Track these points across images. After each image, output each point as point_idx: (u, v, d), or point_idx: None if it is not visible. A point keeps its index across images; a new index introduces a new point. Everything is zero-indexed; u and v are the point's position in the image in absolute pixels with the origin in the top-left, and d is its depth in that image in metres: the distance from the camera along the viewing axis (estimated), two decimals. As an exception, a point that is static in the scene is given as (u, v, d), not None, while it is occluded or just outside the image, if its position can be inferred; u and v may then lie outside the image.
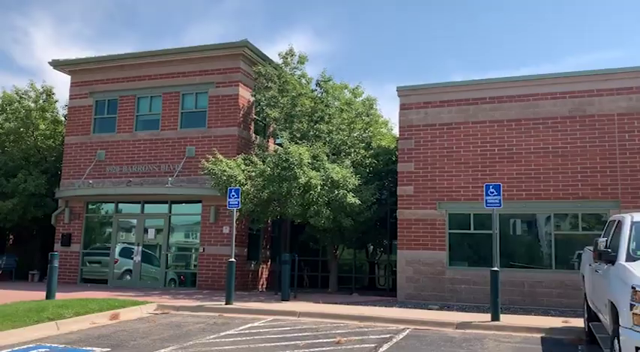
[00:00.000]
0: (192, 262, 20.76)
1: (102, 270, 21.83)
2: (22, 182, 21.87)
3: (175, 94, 21.45)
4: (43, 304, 13.35)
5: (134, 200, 21.20)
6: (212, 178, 18.22)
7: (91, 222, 22.27)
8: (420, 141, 18.04)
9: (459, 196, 17.38)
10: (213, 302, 15.56)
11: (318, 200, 16.58)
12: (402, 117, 18.38)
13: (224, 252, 19.78)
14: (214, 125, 20.68)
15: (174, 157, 20.98)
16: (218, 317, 13.45)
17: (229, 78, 20.74)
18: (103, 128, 22.43)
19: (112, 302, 14.26)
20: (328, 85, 19.71)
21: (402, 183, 18.03)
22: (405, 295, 17.43)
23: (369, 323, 12.65)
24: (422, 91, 18.24)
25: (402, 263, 17.66)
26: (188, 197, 20.37)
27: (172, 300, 15.72)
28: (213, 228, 20.11)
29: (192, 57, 21.24)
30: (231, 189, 15.35)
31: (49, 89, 24.24)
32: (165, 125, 21.38)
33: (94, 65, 22.68)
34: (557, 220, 16.63)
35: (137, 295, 16.94)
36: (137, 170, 21.36)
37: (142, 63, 21.96)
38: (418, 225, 17.64)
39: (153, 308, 14.55)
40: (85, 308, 13.01)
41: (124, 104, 22.12)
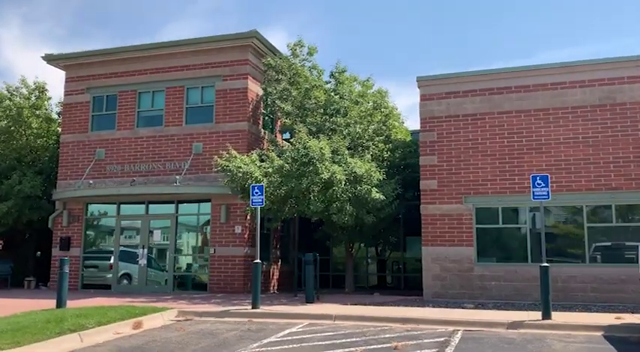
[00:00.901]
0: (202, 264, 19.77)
1: (99, 275, 20.75)
2: (17, 183, 20.63)
3: (179, 89, 20.40)
4: (59, 314, 12.30)
5: (137, 200, 20.11)
6: (226, 176, 17.26)
7: (90, 224, 21.11)
8: (442, 133, 17.34)
9: (486, 189, 16.72)
10: (236, 306, 14.65)
11: (342, 196, 15.76)
12: (422, 108, 17.66)
13: (236, 252, 18.86)
14: (222, 120, 19.70)
15: (180, 155, 19.95)
16: (248, 323, 12.56)
17: (237, 70, 19.78)
18: (101, 125, 21.28)
19: (130, 309, 13.25)
20: (343, 77, 18.88)
21: (425, 176, 17.31)
22: (431, 294, 16.72)
23: (413, 325, 11.88)
24: (443, 81, 17.55)
25: (428, 260, 16.94)
26: (197, 196, 19.37)
27: (191, 306, 14.75)
28: (224, 228, 19.13)
29: (197, 49, 20.23)
30: (254, 186, 14.44)
31: (42, 85, 22.96)
32: (170, 121, 20.33)
33: (90, 59, 21.51)
34: (590, 212, 16.06)
35: (150, 301, 15.94)
36: (140, 169, 20.28)
37: (142, 56, 20.87)
38: (443, 220, 16.94)
39: (174, 315, 13.57)
40: (106, 317, 12.00)
41: (124, 100, 21.00)
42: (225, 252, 18.97)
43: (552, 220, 16.57)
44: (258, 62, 20.24)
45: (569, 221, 16.46)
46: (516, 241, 16.61)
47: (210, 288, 18.87)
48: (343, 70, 19.03)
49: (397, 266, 23.46)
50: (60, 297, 13.86)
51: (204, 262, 19.65)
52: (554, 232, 16.55)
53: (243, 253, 18.85)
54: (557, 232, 16.57)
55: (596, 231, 15.95)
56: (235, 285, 18.64)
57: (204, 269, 19.67)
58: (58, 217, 21.05)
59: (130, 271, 20.97)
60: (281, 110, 18.88)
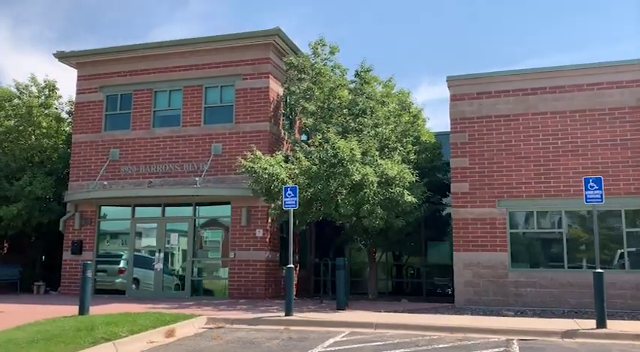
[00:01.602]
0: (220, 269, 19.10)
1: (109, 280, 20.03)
2: (28, 185, 19.86)
3: (197, 88, 19.77)
4: (87, 321, 11.62)
5: (154, 202, 19.41)
6: (250, 177, 16.65)
7: (103, 227, 20.38)
8: (474, 134, 16.82)
9: (520, 193, 16.20)
10: (266, 313, 14.00)
11: (374, 198, 15.17)
12: (452, 108, 17.14)
13: (257, 257, 18.23)
14: (243, 120, 19.08)
15: (198, 155, 19.30)
16: (286, 331, 11.91)
17: (258, 69, 19.18)
18: (115, 125, 20.60)
19: (160, 316, 12.57)
20: (368, 76, 18.31)
21: (456, 179, 16.77)
22: (464, 300, 16.15)
23: (461, 335, 11.29)
24: (475, 81, 17.05)
25: (460, 266, 16.38)
26: (216, 198, 18.71)
27: (218, 312, 14.07)
28: (244, 232, 18.49)
29: (216, 47, 19.62)
30: (287, 187, 13.83)
31: (52, 83, 22.24)
32: (187, 121, 19.68)
33: (104, 57, 20.84)
34: (629, 217, 15.56)
35: (171, 307, 15.26)
36: (156, 170, 19.60)
37: (159, 54, 20.23)
38: (476, 224, 16.39)
39: (204, 322, 12.91)
40: (137, 325, 11.33)
41: (140, 99, 20.33)
42: (246, 257, 18.32)
43: (589, 225, 16.04)
44: (278, 61, 19.67)
45: (607, 226, 15.95)
46: (552, 246, 16.10)
47: (230, 294, 18.20)
48: (369, 68, 18.47)
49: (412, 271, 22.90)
50: (82, 303, 13.17)
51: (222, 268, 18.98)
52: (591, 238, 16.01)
53: (264, 257, 18.22)
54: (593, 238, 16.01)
55: (636, 236, 15.45)
56: (257, 291, 17.99)
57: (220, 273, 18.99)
58: (69, 220, 20.31)
59: (139, 276, 20.27)
60: (304, 110, 18.28)
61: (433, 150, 18.20)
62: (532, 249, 16.28)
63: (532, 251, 16.28)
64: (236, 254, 18.41)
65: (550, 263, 15.93)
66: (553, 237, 16.13)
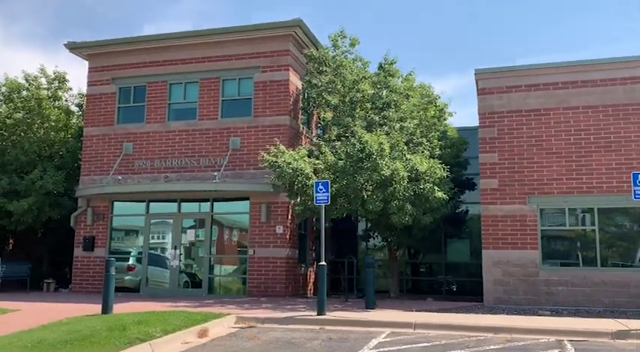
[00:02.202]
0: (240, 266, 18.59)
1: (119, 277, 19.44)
2: (39, 179, 19.24)
3: (214, 80, 19.21)
4: (115, 320, 11.09)
5: (169, 198, 18.86)
6: (273, 172, 16.15)
7: (116, 223, 19.80)
8: (503, 129, 16.39)
9: (551, 189, 15.80)
10: (294, 312, 13.51)
11: (404, 194, 14.70)
12: (481, 102, 16.71)
13: (277, 254, 17.73)
14: (262, 114, 18.56)
15: (215, 150, 18.76)
16: (322, 331, 11.44)
17: (278, 61, 18.65)
18: (128, 118, 20.01)
19: (190, 315, 12.07)
20: (392, 69, 17.82)
21: (485, 175, 16.34)
22: (493, 299, 15.75)
23: (507, 335, 10.85)
24: (504, 74, 16.62)
25: (489, 264, 15.96)
26: (234, 194, 18.18)
27: (245, 311, 13.55)
28: (264, 228, 17.97)
29: (234, 38, 19.07)
30: (318, 182, 13.34)
31: (62, 75, 21.61)
32: (204, 114, 19.13)
33: (117, 48, 20.24)
34: (664, 214, 15.20)
35: (192, 305, 14.75)
36: (172, 164, 19.04)
37: (174, 45, 19.66)
38: (505, 221, 15.97)
39: (233, 322, 12.41)
40: (169, 325, 10.84)
41: (154, 91, 19.75)
42: (266, 254, 17.81)
43: (623, 222, 15.70)
44: (297, 53, 19.16)
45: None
46: (584, 244, 15.71)
47: (250, 292, 17.69)
48: (393, 61, 17.97)
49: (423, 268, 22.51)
50: (106, 302, 12.61)
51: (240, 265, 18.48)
52: (626, 236, 15.67)
53: (285, 255, 17.72)
54: (628, 235, 15.68)
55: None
56: (277, 289, 17.49)
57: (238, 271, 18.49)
58: (80, 215, 19.72)
59: (148, 273, 19.72)
60: (327, 103, 17.78)
61: (459, 146, 17.71)
62: (563, 246, 15.90)
63: (563, 249, 15.89)
64: (255, 251, 17.90)
65: (582, 261, 15.55)
66: (585, 235, 15.74)
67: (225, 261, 18.88)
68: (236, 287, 18.38)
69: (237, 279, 18.53)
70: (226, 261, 18.87)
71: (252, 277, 17.83)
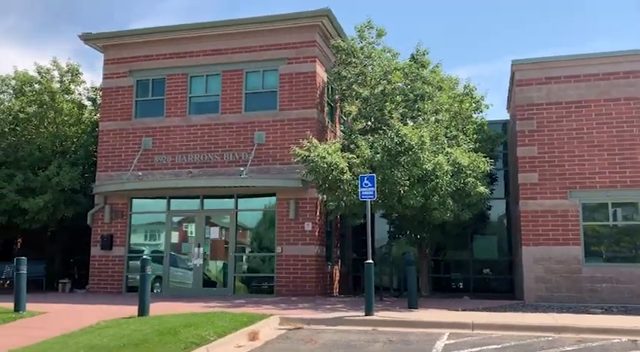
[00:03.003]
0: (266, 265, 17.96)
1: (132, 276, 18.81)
2: (55, 175, 18.49)
3: (237, 72, 18.55)
4: (159, 323, 10.47)
5: (191, 194, 18.18)
6: (305, 167, 15.56)
7: (135, 220, 19.10)
8: (542, 121, 15.90)
9: (594, 183, 15.33)
10: (338, 312, 12.95)
11: (447, 189, 14.16)
12: (519, 94, 16.21)
13: (307, 252, 17.14)
14: (288, 107, 17.94)
15: (239, 144, 18.11)
16: (375, 332, 10.90)
17: (304, 53, 18.03)
18: (147, 112, 19.28)
19: (236, 317, 11.47)
20: (425, 59, 17.26)
21: (524, 169, 15.85)
22: (534, 297, 15.27)
23: (574, 335, 10.39)
24: (543, 65, 16.13)
25: (529, 261, 15.46)
26: (261, 190, 17.55)
27: (286, 311, 12.94)
28: (292, 225, 17.36)
29: (257, 29, 18.42)
30: (364, 176, 12.77)
31: (76, 68, 20.82)
32: (227, 108, 18.46)
33: (134, 39, 19.51)
34: None
35: (225, 305, 14.17)
36: (193, 160, 18.37)
37: (194, 36, 18.96)
38: (546, 217, 15.49)
39: (277, 323, 11.82)
40: (218, 327, 10.25)
41: (174, 84, 19.05)
42: (294, 252, 17.20)
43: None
44: (322, 44, 18.55)
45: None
46: (629, 239, 15.26)
47: (278, 291, 17.08)
48: (425, 51, 17.40)
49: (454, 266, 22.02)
50: (143, 303, 11.95)
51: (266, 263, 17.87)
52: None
53: (314, 253, 17.13)
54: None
55: None
56: (307, 288, 16.90)
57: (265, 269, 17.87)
58: (97, 213, 18.99)
59: (162, 273, 19.07)
60: (357, 96, 17.19)
61: (495, 139, 17.18)
62: (607, 242, 15.42)
63: (607, 244, 15.42)
64: (283, 249, 17.29)
65: (628, 257, 15.11)
66: (630, 230, 15.30)
67: (250, 259, 18.22)
68: (262, 287, 17.74)
69: (263, 278, 17.89)
70: (251, 259, 18.21)
71: (281, 276, 17.22)
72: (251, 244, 18.37)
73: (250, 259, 18.21)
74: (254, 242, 18.35)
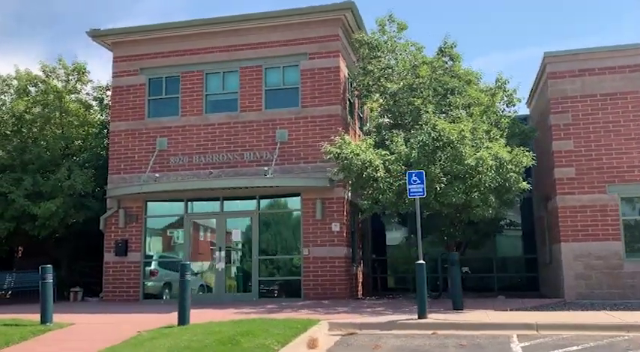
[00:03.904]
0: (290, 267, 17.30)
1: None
2: (66, 179, 17.61)
3: (256, 69, 17.89)
4: (211, 332, 9.76)
5: (210, 196, 17.45)
6: (337, 164, 14.98)
7: (150, 225, 18.30)
8: (577, 114, 15.55)
9: (633, 177, 15.04)
10: (384, 315, 12.38)
11: (490, 185, 13.68)
12: (552, 87, 15.85)
13: (335, 253, 16.54)
14: (310, 104, 17.32)
15: (260, 143, 17.44)
16: (437, 336, 10.34)
17: (326, 47, 17.43)
18: (161, 111, 18.51)
19: (287, 323, 10.80)
20: (454, 52, 16.78)
21: (560, 164, 15.47)
22: (575, 294, 14.89)
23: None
24: (576, 57, 15.81)
25: (569, 257, 15.08)
26: (285, 190, 16.89)
27: (329, 316, 12.32)
28: (318, 226, 16.74)
29: (276, 24, 17.79)
30: (412, 172, 12.21)
31: (82, 67, 19.93)
32: (246, 105, 17.78)
33: (145, 35, 18.72)
34: None
35: (258, 311, 13.49)
36: (212, 160, 17.65)
37: (209, 32, 18.25)
38: (584, 212, 15.13)
39: (326, 328, 11.20)
40: (277, 335, 9.56)
41: (188, 82, 18.31)
42: (322, 253, 16.59)
43: None
44: (344, 38, 17.99)
45: None
46: (671, 234, 14.97)
47: (306, 294, 16.45)
48: (453, 44, 16.91)
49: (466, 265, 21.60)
50: (183, 311, 11.23)
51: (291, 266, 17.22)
52: None
53: (343, 254, 16.54)
54: None
55: None
56: (336, 291, 16.30)
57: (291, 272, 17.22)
58: (110, 217, 18.14)
59: (172, 279, 18.34)
60: (385, 90, 16.64)
61: (528, 133, 16.75)
62: (647, 237, 15.12)
63: (648, 239, 15.11)
64: (310, 250, 16.66)
65: (670, 252, 14.81)
66: (671, 224, 15.02)
67: (275, 262, 17.52)
68: (288, 290, 17.08)
69: (288, 281, 17.23)
70: (276, 262, 17.51)
71: (308, 279, 16.58)
72: (275, 246, 17.66)
73: (274, 262, 17.50)
74: (277, 244, 17.65)
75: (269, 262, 17.38)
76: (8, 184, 17.39)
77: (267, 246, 17.42)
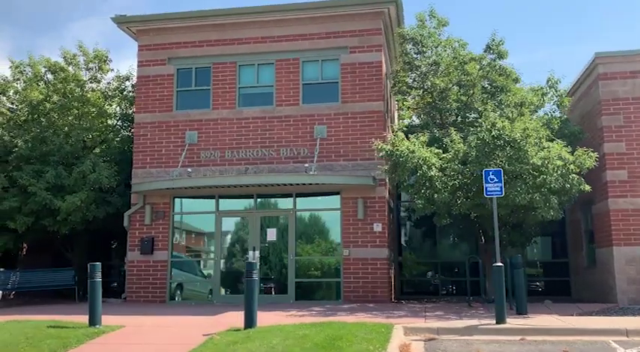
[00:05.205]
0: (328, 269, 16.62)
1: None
2: (91, 172, 16.62)
3: (293, 62, 17.19)
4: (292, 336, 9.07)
5: (242, 193, 16.69)
6: (392, 162, 14.41)
7: (178, 222, 17.43)
8: (629, 116, 15.33)
9: (686, 180, 14.79)
10: (457, 320, 11.80)
11: (554, 186, 13.26)
12: (603, 88, 15.58)
13: (377, 255, 15.96)
14: (351, 99, 16.72)
15: (297, 139, 16.75)
16: (526, 342, 9.83)
17: (368, 41, 16.85)
18: (190, 103, 17.65)
19: (368, 327, 10.16)
20: (502, 50, 16.36)
21: (612, 166, 15.19)
22: (627, 300, 14.60)
23: None
24: (627, 59, 15.64)
25: (621, 262, 14.79)
26: (324, 188, 16.24)
27: (393, 320, 11.72)
28: (359, 226, 16.12)
29: (316, 15, 17.14)
30: (489, 171, 11.71)
31: (104, 54, 18.90)
32: (282, 99, 17.08)
33: (174, 23, 17.84)
34: None
35: (311, 314, 12.81)
36: (246, 155, 16.89)
37: (244, 22, 17.48)
38: (637, 216, 14.86)
39: (402, 333, 10.59)
40: (372, 341, 8.95)
41: (221, 73, 17.50)
42: (363, 254, 15.97)
43: None
44: (384, 32, 17.45)
45: None
46: None
47: (346, 297, 15.80)
48: (500, 41, 16.48)
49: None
50: (251, 313, 10.52)
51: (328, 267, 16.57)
52: None
53: (386, 255, 15.96)
54: None
55: None
56: (378, 294, 15.70)
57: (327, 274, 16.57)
58: (135, 214, 17.20)
59: (184, 280, 17.59)
60: (433, 87, 16.13)
61: (577, 135, 16.41)
62: (701, 241, 14.91)
63: (701, 244, 14.90)
64: (350, 251, 16.03)
65: None
66: None
67: (312, 263, 16.81)
68: (326, 293, 16.42)
69: (325, 283, 16.56)
70: (313, 262, 16.81)
71: (348, 281, 15.93)
72: (312, 247, 16.96)
73: (311, 263, 16.79)
74: (314, 244, 16.97)
75: (306, 263, 16.66)
76: (29, 176, 16.30)
77: (304, 246, 16.70)
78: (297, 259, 16.37)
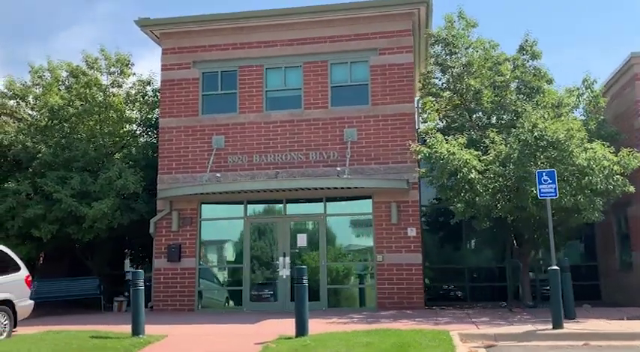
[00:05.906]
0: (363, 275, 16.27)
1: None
2: (117, 178, 16.24)
3: (321, 64, 16.90)
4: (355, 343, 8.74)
5: (270, 198, 16.37)
6: (432, 164, 14.13)
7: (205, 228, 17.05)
8: (667, 117, 15.04)
9: None
10: (508, 326, 11.49)
11: (600, 187, 12.98)
12: (638, 89, 15.30)
13: (412, 260, 15.61)
14: (382, 101, 16.42)
15: (327, 142, 16.44)
16: (594, 348, 9.52)
17: (399, 43, 16.58)
18: (216, 107, 17.32)
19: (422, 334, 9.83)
20: (535, 51, 16.10)
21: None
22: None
23: None
24: (664, 58, 15.29)
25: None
26: (355, 192, 15.89)
27: (442, 327, 11.38)
28: (393, 231, 15.78)
29: (345, 17, 16.86)
30: (542, 172, 11.41)
31: (126, 58, 18.56)
32: (311, 102, 16.77)
33: (199, 26, 17.52)
34: None
35: (353, 321, 12.47)
36: (274, 159, 16.55)
37: (269, 24, 17.19)
38: (678, 218, 14.56)
39: (458, 340, 10.24)
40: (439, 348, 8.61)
41: (247, 77, 17.19)
42: (397, 260, 15.62)
43: None
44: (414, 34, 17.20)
45: None
46: None
47: (380, 304, 15.43)
48: (534, 42, 16.22)
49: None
50: (302, 321, 10.19)
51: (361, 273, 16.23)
52: None
53: (420, 261, 15.63)
54: None
55: None
56: (414, 300, 15.35)
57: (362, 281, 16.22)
58: (161, 220, 16.82)
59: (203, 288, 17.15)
60: (467, 88, 15.85)
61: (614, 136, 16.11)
62: None
63: None
64: (384, 257, 15.69)
65: None
66: None
67: (345, 269, 16.45)
68: (359, 299, 16.07)
69: (361, 289, 16.20)
70: (346, 268, 16.44)
71: (383, 287, 15.57)
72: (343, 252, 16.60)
73: (343, 269, 16.43)
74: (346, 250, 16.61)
75: (337, 269, 16.31)
76: (53, 183, 15.91)
77: (335, 252, 16.35)
78: (328, 265, 16.01)
